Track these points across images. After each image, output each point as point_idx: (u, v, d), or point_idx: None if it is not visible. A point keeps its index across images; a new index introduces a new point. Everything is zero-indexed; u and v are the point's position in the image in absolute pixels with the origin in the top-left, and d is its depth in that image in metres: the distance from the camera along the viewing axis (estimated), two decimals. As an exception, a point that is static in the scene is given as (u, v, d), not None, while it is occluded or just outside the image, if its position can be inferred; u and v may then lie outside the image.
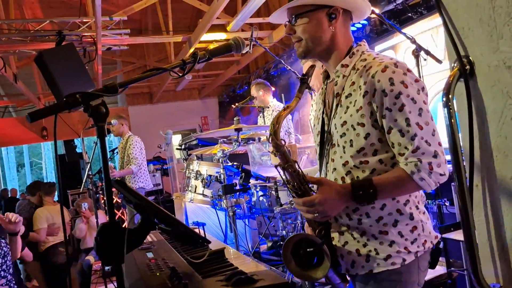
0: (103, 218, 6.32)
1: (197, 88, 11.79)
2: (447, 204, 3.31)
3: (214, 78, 10.56)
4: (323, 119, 1.56)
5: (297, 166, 1.42)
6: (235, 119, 2.83)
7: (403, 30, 5.09)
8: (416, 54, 2.67)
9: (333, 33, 1.45)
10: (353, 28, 5.76)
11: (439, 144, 1.33)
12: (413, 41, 2.68)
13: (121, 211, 7.10)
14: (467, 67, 1.02)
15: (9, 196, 11.94)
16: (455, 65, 1.04)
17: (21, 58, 6.91)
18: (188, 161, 3.19)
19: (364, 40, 1.54)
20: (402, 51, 5.17)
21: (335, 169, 1.48)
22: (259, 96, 4.62)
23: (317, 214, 1.37)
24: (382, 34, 5.57)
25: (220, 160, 2.82)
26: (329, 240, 1.46)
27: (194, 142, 4.99)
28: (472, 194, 1.05)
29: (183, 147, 4.98)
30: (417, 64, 2.66)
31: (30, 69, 8.36)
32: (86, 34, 5.40)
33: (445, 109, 1.04)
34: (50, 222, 5.58)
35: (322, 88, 1.61)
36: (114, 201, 6.36)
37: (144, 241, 1.26)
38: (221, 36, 6.38)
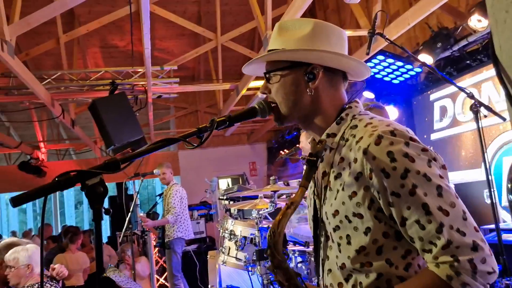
0: (145, 264, 6.28)
1: (246, 133, 11.84)
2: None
3: (263, 123, 10.57)
4: (314, 201, 1.25)
5: (300, 282, 1.07)
6: (271, 178, 2.68)
7: (462, 78, 4.87)
8: (474, 109, 2.32)
9: (313, 96, 1.17)
10: (406, 76, 5.54)
11: (476, 229, 0.98)
12: (471, 95, 2.36)
13: (163, 259, 7.03)
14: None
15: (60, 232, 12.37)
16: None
17: (79, 104, 7.27)
18: (223, 218, 3.05)
19: (357, 100, 1.23)
20: (460, 100, 4.85)
21: (330, 270, 1.17)
22: (306, 144, 4.44)
23: None
24: (439, 82, 5.28)
25: (256, 221, 2.65)
26: None
27: (236, 194, 4.89)
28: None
29: (225, 197, 4.89)
30: (476, 121, 2.32)
31: (88, 113, 8.81)
32: (137, 83, 5.58)
33: (510, 196, 0.83)
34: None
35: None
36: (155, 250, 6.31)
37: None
38: (269, 83, 6.36)
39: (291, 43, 1.18)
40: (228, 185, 7.20)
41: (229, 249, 2.75)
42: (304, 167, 1.17)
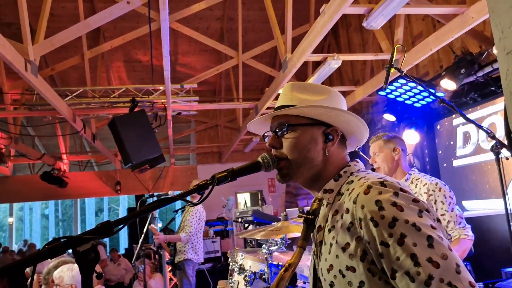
0: (159, 281, 6.27)
1: (266, 149, 11.65)
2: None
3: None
4: (313, 259, 1.22)
5: None
6: (282, 214, 2.62)
7: (486, 105, 4.73)
8: (495, 150, 2.19)
9: (325, 157, 1.18)
10: (428, 99, 5.42)
11: (471, 284, 0.91)
12: (492, 136, 2.23)
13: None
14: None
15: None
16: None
17: (100, 119, 7.40)
18: (232, 251, 3.00)
19: (357, 159, 1.24)
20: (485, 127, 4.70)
21: None
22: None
23: None
24: (462, 107, 5.13)
25: (266, 256, 2.59)
26: None
27: (250, 218, 4.82)
28: None
29: (239, 220, 4.83)
30: (498, 163, 2.19)
31: (110, 127, 8.98)
32: (157, 100, 5.63)
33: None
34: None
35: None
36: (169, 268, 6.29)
37: None
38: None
39: (312, 103, 1.19)
40: (246, 202, 7.14)
41: (238, 283, 2.70)
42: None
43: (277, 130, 1.20)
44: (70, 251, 0.88)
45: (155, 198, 5.19)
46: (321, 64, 4.73)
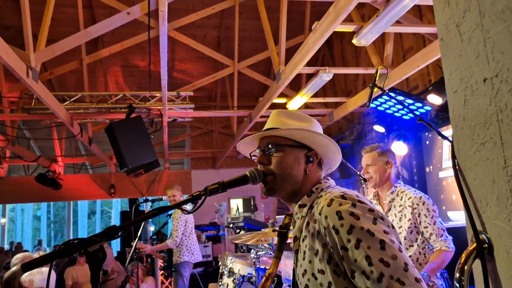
0: (151, 284, 6.38)
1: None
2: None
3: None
4: (294, 268, 1.39)
5: None
6: (270, 221, 2.76)
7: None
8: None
9: (305, 176, 1.36)
10: (417, 113, 5.61)
11: (417, 280, 1.05)
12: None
13: (169, 280, 7.11)
14: (485, 245, 0.91)
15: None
16: (473, 240, 0.93)
17: (97, 123, 7.51)
18: (223, 255, 3.14)
19: (328, 177, 1.43)
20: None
21: None
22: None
23: None
24: (449, 121, 5.33)
25: (254, 260, 2.74)
26: None
27: (241, 224, 4.95)
28: None
29: (231, 226, 4.96)
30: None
31: (106, 130, 9.09)
32: (153, 107, 5.77)
33: (458, 285, 0.93)
34: (74, 281, 6.03)
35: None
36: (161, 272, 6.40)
37: None
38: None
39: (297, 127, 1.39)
40: (238, 208, 7.28)
41: (227, 286, 2.84)
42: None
43: (265, 149, 1.38)
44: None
45: (149, 203, 5.32)
46: (313, 76, 4.91)
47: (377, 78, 2.40)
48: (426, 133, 5.83)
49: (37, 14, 4.77)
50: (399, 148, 5.73)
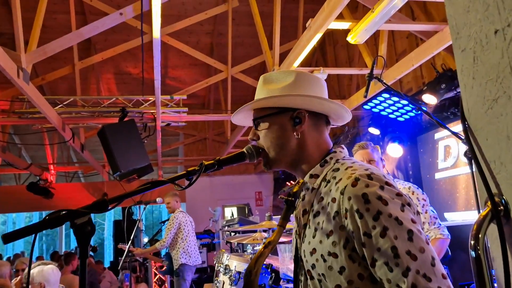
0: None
1: (253, 163, 11.91)
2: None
3: (270, 154, 10.63)
4: (296, 240, 1.27)
5: None
6: (266, 215, 2.70)
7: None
8: (469, 156, 2.30)
9: (299, 140, 1.23)
10: (411, 114, 5.60)
11: (443, 276, 0.99)
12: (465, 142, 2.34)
13: (163, 287, 6.98)
14: (501, 207, 0.86)
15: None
16: (487, 204, 0.88)
17: (89, 129, 7.43)
18: (218, 252, 3.07)
19: (342, 145, 1.30)
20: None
21: None
22: None
23: None
24: (443, 121, 5.29)
25: (250, 256, 2.66)
26: None
27: (236, 226, 4.89)
28: None
29: (226, 228, 4.89)
30: (470, 166, 2.31)
31: (98, 137, 8.98)
32: (146, 111, 5.71)
33: (473, 253, 0.87)
34: None
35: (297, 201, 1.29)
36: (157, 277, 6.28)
37: None
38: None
39: (277, 91, 1.26)
40: (233, 214, 7.19)
41: (223, 283, 2.76)
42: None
43: (255, 123, 1.30)
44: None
45: (142, 206, 5.23)
46: (308, 77, 4.88)
47: (374, 68, 2.36)
48: (422, 135, 5.81)
49: (30, 21, 4.72)
50: (394, 150, 5.70)
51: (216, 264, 2.96)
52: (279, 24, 4.91)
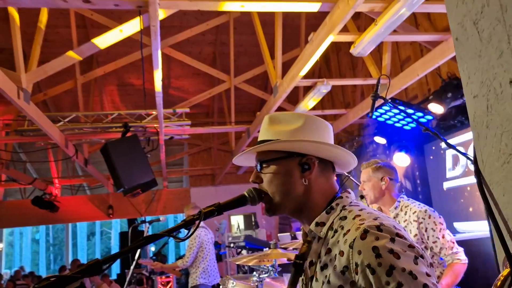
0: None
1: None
2: None
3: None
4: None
5: None
6: (271, 243, 2.61)
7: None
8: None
9: (306, 187, 1.18)
10: (412, 125, 5.52)
11: None
12: (468, 157, 2.23)
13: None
14: (522, 271, 0.79)
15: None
16: (506, 265, 0.81)
17: (93, 144, 7.40)
18: (224, 279, 3.00)
19: (349, 190, 1.24)
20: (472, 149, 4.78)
21: None
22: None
23: None
24: (451, 129, 5.20)
25: (257, 284, 2.59)
26: None
27: (242, 244, 4.80)
28: None
29: (232, 245, 4.81)
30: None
31: (103, 150, 8.98)
32: (149, 125, 5.67)
33: None
34: None
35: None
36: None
37: None
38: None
39: (285, 134, 1.20)
40: (239, 225, 7.12)
41: (229, 311, 2.70)
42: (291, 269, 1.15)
43: (256, 166, 1.24)
44: None
45: (147, 224, 5.18)
46: (311, 88, 4.82)
47: (379, 88, 2.30)
48: (429, 143, 5.72)
49: (31, 36, 4.70)
50: (401, 160, 5.62)
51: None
52: (281, 35, 4.86)
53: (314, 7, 3.34)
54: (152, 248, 12.22)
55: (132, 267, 4.77)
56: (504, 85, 0.81)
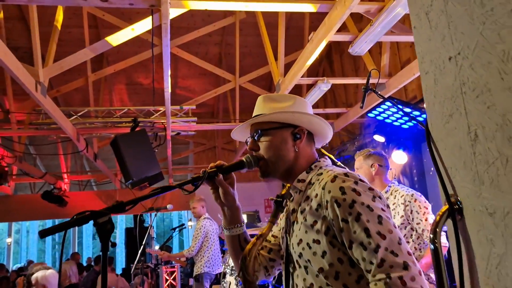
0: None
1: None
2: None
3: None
4: (286, 238, 1.45)
5: None
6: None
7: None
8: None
9: (296, 153, 1.43)
10: (410, 124, 5.72)
11: (409, 253, 1.16)
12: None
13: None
14: (456, 206, 1.01)
15: (86, 264, 12.69)
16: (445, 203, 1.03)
17: (102, 138, 7.66)
18: (225, 254, 3.22)
19: (325, 157, 1.51)
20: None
21: None
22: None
23: None
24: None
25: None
26: None
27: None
28: None
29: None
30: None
31: (110, 146, 9.23)
32: (157, 121, 5.91)
33: (432, 245, 1.02)
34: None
35: (286, 206, 1.49)
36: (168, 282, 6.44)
37: None
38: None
39: (280, 109, 1.45)
40: (242, 221, 7.31)
41: (230, 284, 2.91)
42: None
43: (254, 136, 1.47)
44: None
45: (153, 213, 5.40)
46: (312, 86, 5.05)
47: (369, 80, 2.52)
48: (426, 141, 5.91)
49: (45, 36, 4.95)
50: (400, 157, 5.82)
51: (223, 266, 3.11)
52: (284, 35, 5.08)
53: (314, 8, 3.57)
54: (156, 247, 12.47)
55: (140, 249, 4.99)
56: (445, 61, 1.03)
